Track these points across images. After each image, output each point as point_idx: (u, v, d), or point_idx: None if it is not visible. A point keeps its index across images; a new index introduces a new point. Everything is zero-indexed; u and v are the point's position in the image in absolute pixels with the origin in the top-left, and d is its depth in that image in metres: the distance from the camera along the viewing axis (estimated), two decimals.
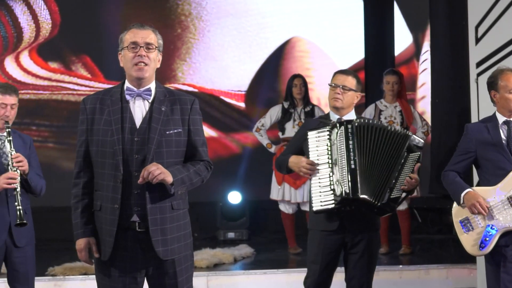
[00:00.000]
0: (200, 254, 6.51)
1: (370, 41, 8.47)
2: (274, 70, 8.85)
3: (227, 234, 7.80)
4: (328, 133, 4.11)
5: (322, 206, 4.06)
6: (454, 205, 4.21)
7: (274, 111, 7.09)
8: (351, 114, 4.28)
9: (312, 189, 4.14)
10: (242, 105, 8.83)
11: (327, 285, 4.32)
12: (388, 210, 4.14)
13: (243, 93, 8.82)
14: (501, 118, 4.17)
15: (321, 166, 4.10)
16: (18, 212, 4.18)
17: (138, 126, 3.36)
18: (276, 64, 8.85)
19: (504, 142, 4.11)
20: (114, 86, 3.50)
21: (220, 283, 6.04)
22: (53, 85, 8.59)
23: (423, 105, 8.79)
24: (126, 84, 3.42)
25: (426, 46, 8.81)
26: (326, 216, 4.15)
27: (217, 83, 8.79)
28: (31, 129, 8.37)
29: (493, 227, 4.04)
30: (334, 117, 4.27)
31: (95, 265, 3.47)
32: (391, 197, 4.08)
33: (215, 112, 8.73)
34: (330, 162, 4.08)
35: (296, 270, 6.08)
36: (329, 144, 4.09)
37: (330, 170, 4.06)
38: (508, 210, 4.03)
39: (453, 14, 6.56)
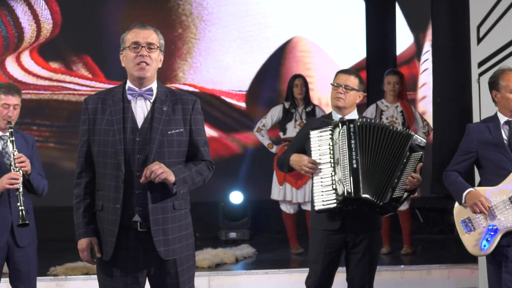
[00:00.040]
0: (201, 254, 6.51)
1: (372, 41, 8.47)
2: (275, 70, 8.84)
3: (229, 234, 7.80)
4: (330, 132, 4.10)
5: (324, 205, 4.06)
6: (456, 205, 4.21)
7: (275, 111, 7.08)
8: (353, 114, 4.27)
9: (314, 188, 4.13)
10: (243, 105, 8.82)
11: (329, 285, 4.32)
12: (390, 209, 4.13)
13: (244, 93, 8.81)
14: (502, 118, 4.16)
15: (323, 165, 4.10)
16: (20, 212, 4.17)
17: (139, 126, 3.36)
18: (277, 64, 8.83)
19: (505, 142, 4.10)
20: (115, 86, 3.50)
21: (221, 283, 6.04)
22: (54, 85, 8.59)
23: (424, 105, 8.79)
24: (128, 84, 3.42)
25: (427, 46, 8.80)
26: (328, 215, 4.15)
27: (218, 83, 8.79)
28: (32, 129, 8.36)
29: (494, 227, 4.04)
30: (337, 116, 4.26)
31: (97, 265, 3.47)
32: (393, 196, 4.07)
33: (216, 112, 8.72)
34: (332, 161, 4.07)
35: (297, 270, 6.07)
36: (331, 143, 4.09)
37: (332, 169, 4.06)
38: (509, 210, 4.03)
39: (454, 14, 6.57)
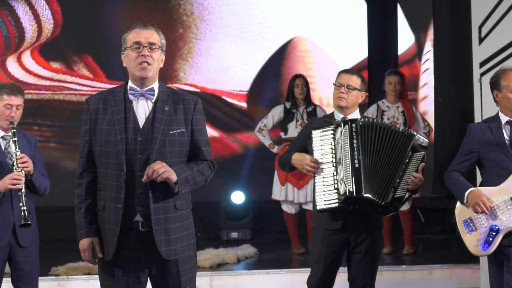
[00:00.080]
0: (203, 254, 6.51)
1: (373, 40, 8.47)
2: (276, 70, 8.83)
3: (230, 234, 7.80)
4: (332, 132, 4.11)
5: (326, 205, 4.06)
6: (458, 205, 4.20)
7: (276, 111, 7.08)
8: (356, 114, 4.28)
9: (316, 188, 4.13)
10: (244, 105, 8.81)
11: (330, 284, 4.32)
12: (392, 209, 4.13)
13: (245, 93, 8.80)
14: (504, 118, 4.16)
15: (325, 165, 4.10)
16: (22, 212, 4.16)
17: (141, 126, 3.36)
18: (278, 64, 8.82)
19: (507, 142, 4.10)
20: (117, 86, 3.50)
21: (223, 283, 6.04)
22: (55, 85, 8.58)
23: (425, 105, 8.78)
24: (129, 84, 3.42)
25: (428, 46, 8.79)
26: (330, 215, 4.15)
27: (219, 83, 8.78)
28: (33, 129, 8.35)
29: (496, 227, 4.04)
30: (339, 116, 4.26)
31: (99, 265, 3.47)
32: (395, 196, 4.07)
33: (217, 112, 8.71)
34: (334, 161, 4.07)
35: (299, 270, 6.08)
36: (333, 143, 4.09)
37: (334, 169, 4.06)
38: (511, 210, 4.02)
39: (456, 14, 6.56)
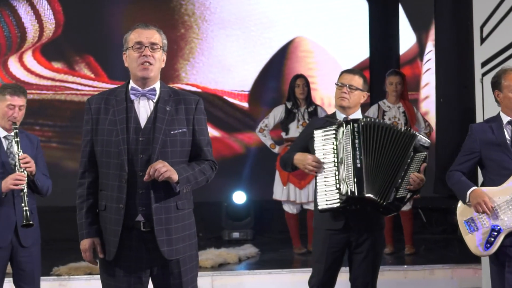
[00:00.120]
0: (205, 254, 6.50)
1: (375, 41, 8.46)
2: (278, 70, 8.84)
3: (232, 234, 7.79)
4: (334, 132, 4.10)
5: (327, 205, 4.06)
6: (459, 205, 4.20)
7: (278, 111, 7.07)
8: (358, 113, 4.27)
9: (317, 188, 4.13)
10: (245, 105, 8.81)
11: (332, 284, 4.32)
12: (393, 209, 4.13)
13: (247, 93, 8.81)
14: (505, 118, 4.16)
15: (327, 165, 4.10)
16: (24, 213, 4.17)
17: (143, 126, 3.36)
18: (279, 64, 8.83)
19: (508, 142, 4.09)
20: (118, 86, 3.50)
21: (225, 283, 6.04)
22: (56, 85, 8.59)
23: (427, 105, 8.78)
24: (131, 84, 3.42)
25: (429, 46, 8.80)
26: (331, 215, 4.15)
27: (220, 83, 8.78)
28: (35, 129, 8.36)
29: (498, 227, 4.04)
30: (341, 116, 4.26)
31: (100, 265, 3.47)
32: (397, 196, 4.07)
33: (219, 112, 8.72)
34: (336, 161, 4.07)
35: (300, 270, 6.07)
36: (335, 143, 4.09)
37: (336, 169, 4.06)
38: None
39: (457, 14, 6.56)
